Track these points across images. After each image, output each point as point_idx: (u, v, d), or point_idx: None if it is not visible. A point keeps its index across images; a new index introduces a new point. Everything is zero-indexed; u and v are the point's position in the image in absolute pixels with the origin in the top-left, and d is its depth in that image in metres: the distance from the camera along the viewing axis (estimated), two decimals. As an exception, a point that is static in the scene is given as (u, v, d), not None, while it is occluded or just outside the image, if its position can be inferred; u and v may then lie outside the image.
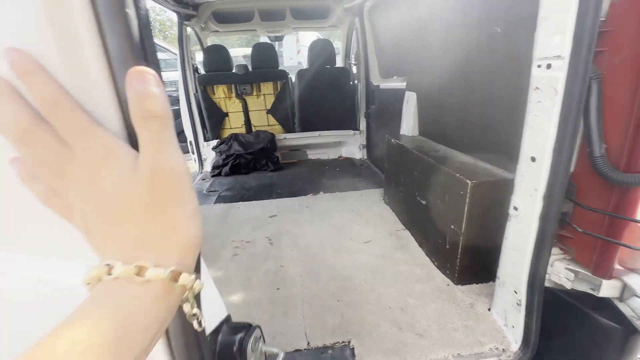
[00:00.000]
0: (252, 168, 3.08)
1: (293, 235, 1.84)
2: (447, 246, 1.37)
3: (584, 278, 0.89)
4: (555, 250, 0.94)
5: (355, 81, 3.40)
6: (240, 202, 2.37)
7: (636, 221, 0.74)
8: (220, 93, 3.16)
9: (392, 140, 2.01)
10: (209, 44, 3.46)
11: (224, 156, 3.04)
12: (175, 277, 0.25)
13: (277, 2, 3.02)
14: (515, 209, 0.98)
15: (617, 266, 0.82)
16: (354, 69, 3.46)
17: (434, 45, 1.77)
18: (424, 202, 1.60)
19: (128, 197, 0.25)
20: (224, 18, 3.20)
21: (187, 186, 0.26)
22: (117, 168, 0.25)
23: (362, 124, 3.35)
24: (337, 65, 3.37)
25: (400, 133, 2.17)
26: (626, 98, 0.72)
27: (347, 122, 3.38)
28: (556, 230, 0.89)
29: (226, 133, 3.24)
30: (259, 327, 0.43)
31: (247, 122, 3.32)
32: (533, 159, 0.89)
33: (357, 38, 3.16)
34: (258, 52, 3.23)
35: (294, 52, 9.14)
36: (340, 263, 1.56)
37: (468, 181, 1.20)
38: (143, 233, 0.25)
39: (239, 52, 7.79)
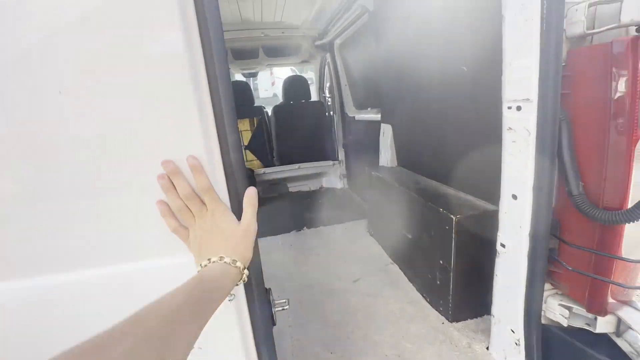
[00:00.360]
0: (232, 206, 2.99)
1: (279, 280, 1.76)
2: (438, 282, 1.34)
3: (579, 313, 0.88)
4: (547, 286, 0.92)
5: (331, 112, 3.46)
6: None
7: (620, 258, 0.74)
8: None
9: (373, 173, 2.02)
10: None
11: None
12: (243, 268, 0.50)
13: (249, 42, 3.08)
14: (503, 246, 0.97)
15: (610, 300, 0.81)
16: (329, 101, 3.54)
17: (403, 79, 1.83)
18: (410, 236, 1.58)
19: (233, 234, 0.51)
20: None
21: (254, 234, 0.53)
22: (229, 222, 0.52)
23: (341, 154, 3.37)
24: (312, 98, 3.43)
25: (380, 164, 2.18)
26: (596, 137, 0.75)
27: (325, 152, 3.40)
28: (546, 267, 0.88)
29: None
30: (270, 288, 0.66)
31: (225, 160, 3.26)
32: (514, 197, 0.90)
33: (329, 72, 3.25)
34: (233, 90, 3.25)
35: (269, 84, 9.30)
36: (329, 307, 1.48)
37: (452, 216, 1.19)
38: (234, 249, 0.50)
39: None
